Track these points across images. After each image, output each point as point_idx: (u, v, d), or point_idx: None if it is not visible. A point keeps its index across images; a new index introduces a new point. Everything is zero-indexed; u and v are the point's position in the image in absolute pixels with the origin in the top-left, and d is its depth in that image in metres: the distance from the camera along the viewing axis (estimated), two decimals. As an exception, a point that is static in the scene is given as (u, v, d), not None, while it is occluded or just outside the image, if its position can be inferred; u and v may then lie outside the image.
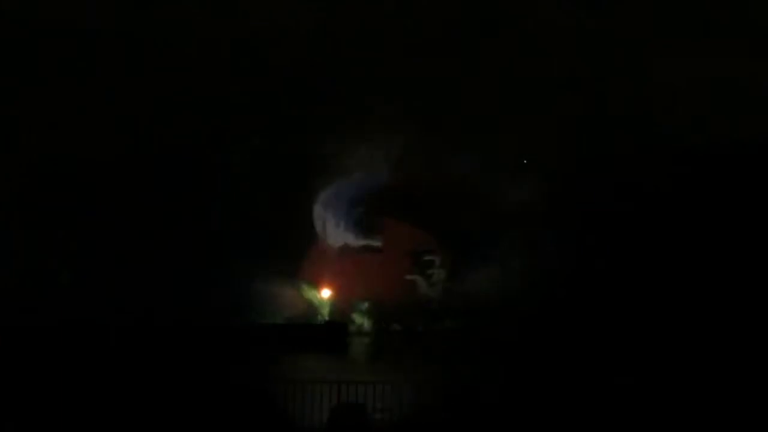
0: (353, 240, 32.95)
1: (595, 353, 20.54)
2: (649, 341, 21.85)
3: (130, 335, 23.29)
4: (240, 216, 29.72)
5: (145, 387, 13.50)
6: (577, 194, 27.70)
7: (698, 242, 26.20)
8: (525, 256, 28.85)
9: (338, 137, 29.86)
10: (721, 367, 16.11)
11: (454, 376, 16.57)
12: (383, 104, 28.56)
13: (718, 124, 26.68)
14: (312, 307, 32.26)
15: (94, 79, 26.86)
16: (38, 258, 26.84)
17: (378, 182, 31.44)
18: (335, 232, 32.89)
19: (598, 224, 27.19)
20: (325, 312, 32.02)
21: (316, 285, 32.41)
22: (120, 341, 22.70)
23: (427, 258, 33.07)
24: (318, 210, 32.58)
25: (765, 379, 14.29)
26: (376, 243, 32.97)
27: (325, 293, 32.29)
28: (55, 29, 26.20)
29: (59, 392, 13.29)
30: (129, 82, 27.00)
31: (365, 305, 31.84)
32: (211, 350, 22.33)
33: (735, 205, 26.31)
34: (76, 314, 24.29)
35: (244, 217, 29.83)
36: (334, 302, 32.17)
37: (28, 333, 21.95)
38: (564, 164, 28.38)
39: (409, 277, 32.76)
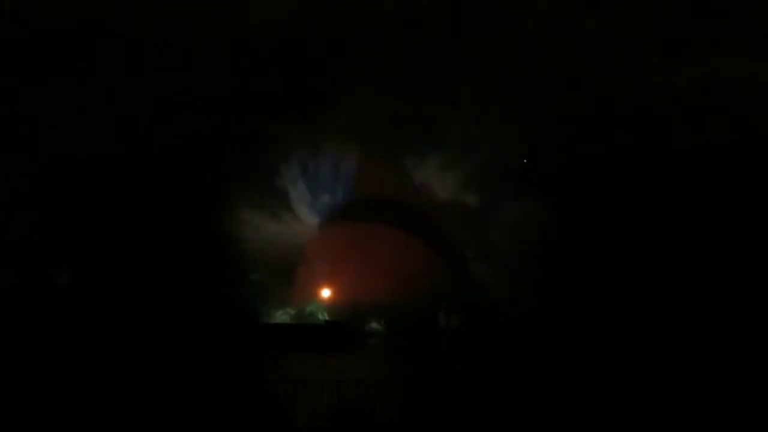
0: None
1: (595, 353, 20.55)
2: (649, 341, 21.85)
3: (130, 335, 23.30)
4: (239, 215, 29.77)
5: (146, 387, 13.50)
6: (577, 194, 27.68)
7: (698, 242, 26.18)
8: (525, 256, 28.84)
9: (338, 136, 29.99)
10: (720, 367, 16.10)
11: (454, 376, 16.56)
12: (383, 104, 28.63)
13: (718, 124, 26.68)
14: (312, 307, 32.19)
15: (94, 79, 26.86)
16: (38, 258, 26.83)
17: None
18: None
19: (598, 225, 27.17)
20: (325, 312, 31.96)
21: (316, 285, 32.32)
22: (120, 341, 22.73)
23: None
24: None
25: (765, 379, 14.28)
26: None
27: (325, 293, 32.21)
28: (55, 29, 26.20)
29: (59, 392, 13.29)
30: (129, 82, 27.01)
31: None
32: (211, 350, 22.37)
33: (735, 205, 26.29)
34: (76, 314, 24.29)
35: (243, 217, 29.88)
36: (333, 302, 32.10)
37: (28, 333, 21.97)
38: (564, 164, 28.38)
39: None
